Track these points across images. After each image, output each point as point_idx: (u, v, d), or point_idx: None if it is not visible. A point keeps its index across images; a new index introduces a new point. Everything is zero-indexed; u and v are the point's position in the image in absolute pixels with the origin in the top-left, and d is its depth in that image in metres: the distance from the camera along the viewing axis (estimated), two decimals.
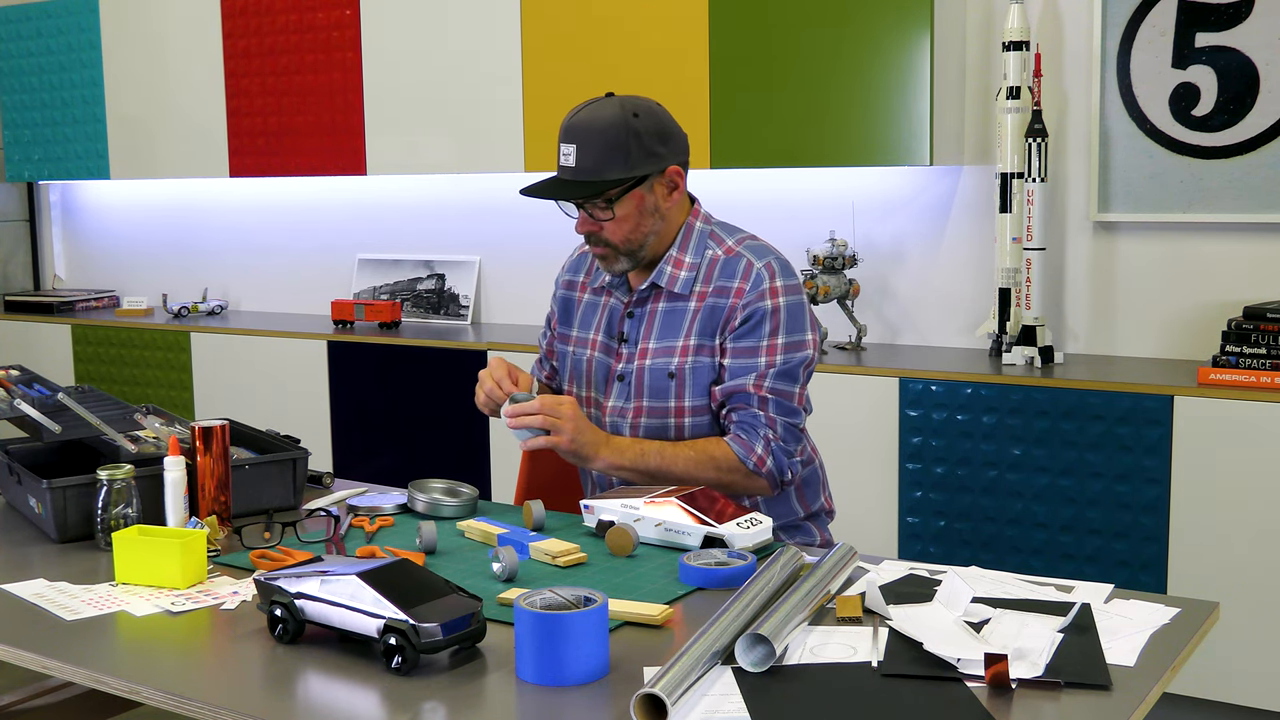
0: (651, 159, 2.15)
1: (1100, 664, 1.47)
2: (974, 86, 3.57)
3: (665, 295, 2.24)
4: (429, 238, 4.59)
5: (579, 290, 2.39)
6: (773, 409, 2.17)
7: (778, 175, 3.86)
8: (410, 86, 4.18)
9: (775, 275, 2.19)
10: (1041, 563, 3.13)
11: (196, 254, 5.13)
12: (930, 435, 3.25)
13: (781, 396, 2.17)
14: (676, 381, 2.21)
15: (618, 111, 2.13)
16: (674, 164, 2.19)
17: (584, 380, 2.34)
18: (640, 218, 2.18)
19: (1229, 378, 2.99)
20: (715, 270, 2.22)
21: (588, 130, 2.13)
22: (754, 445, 2.16)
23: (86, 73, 4.93)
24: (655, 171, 2.17)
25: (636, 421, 2.25)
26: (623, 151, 2.12)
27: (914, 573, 1.81)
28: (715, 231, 2.26)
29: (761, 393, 2.16)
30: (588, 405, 2.33)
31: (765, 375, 2.16)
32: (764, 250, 2.23)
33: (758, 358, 2.17)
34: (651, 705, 1.34)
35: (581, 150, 2.13)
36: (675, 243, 2.24)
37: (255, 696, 1.48)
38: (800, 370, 2.20)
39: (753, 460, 2.15)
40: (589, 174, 2.13)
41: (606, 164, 2.12)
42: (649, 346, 2.25)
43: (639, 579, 1.81)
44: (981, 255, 3.61)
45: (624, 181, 2.14)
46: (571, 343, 2.38)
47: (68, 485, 2.05)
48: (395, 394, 4.12)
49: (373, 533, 2.08)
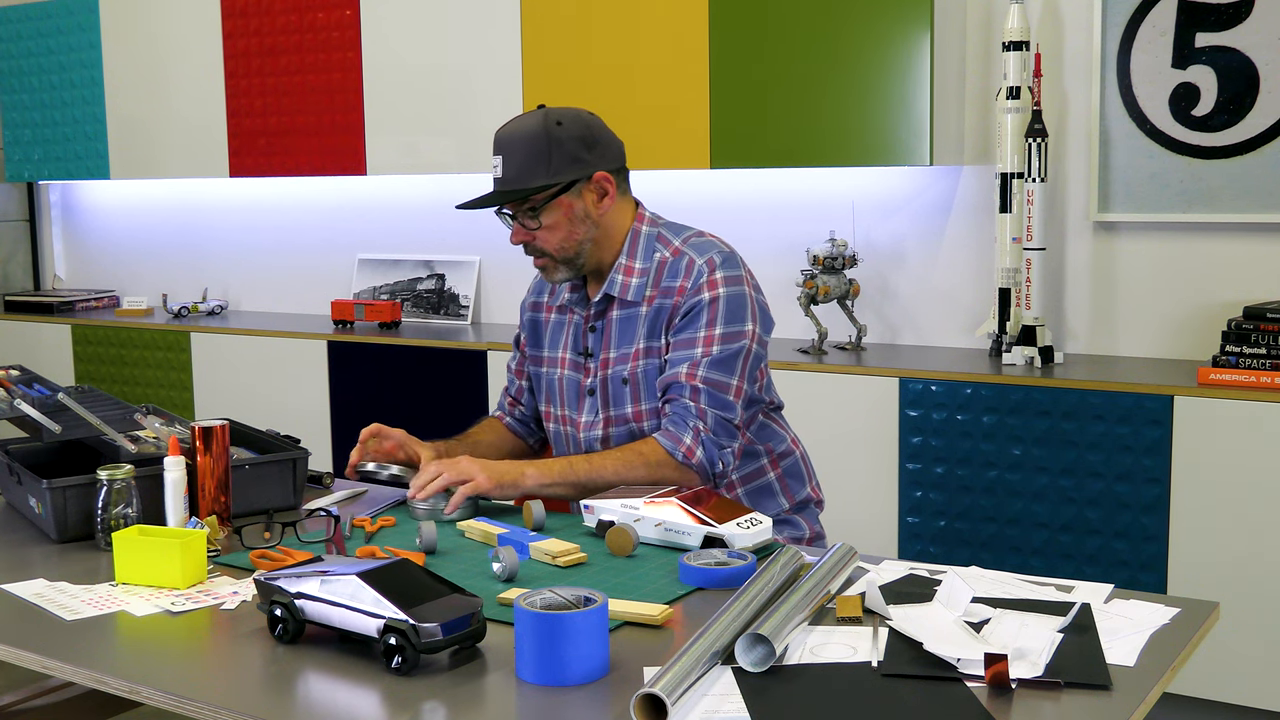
0: (575, 165, 2.17)
1: (1100, 664, 1.47)
2: (974, 86, 3.57)
3: (619, 304, 2.25)
4: (429, 238, 4.59)
5: (544, 311, 2.41)
6: (704, 400, 2.16)
7: (778, 175, 3.86)
8: (410, 86, 4.18)
9: (715, 268, 2.19)
10: (1041, 563, 3.13)
11: (196, 254, 5.13)
12: (930, 435, 3.25)
13: (714, 387, 2.16)
14: (631, 386, 2.22)
15: (540, 121, 2.17)
16: (601, 170, 2.20)
17: (558, 399, 2.35)
18: (571, 225, 2.20)
19: (1229, 378, 2.99)
20: (664, 272, 2.22)
21: (511, 141, 2.17)
22: (682, 437, 2.15)
23: (86, 73, 4.93)
24: (582, 178, 2.18)
25: (606, 433, 2.27)
26: (544, 159, 2.15)
27: (914, 573, 1.81)
28: (662, 233, 2.26)
29: (694, 383, 2.16)
30: (563, 424, 2.34)
31: (699, 364, 2.16)
32: (707, 246, 2.23)
33: (695, 349, 2.17)
34: (651, 705, 1.34)
35: (506, 160, 2.17)
36: (624, 250, 2.24)
37: (255, 696, 1.48)
38: (738, 360, 2.18)
39: (681, 451, 2.14)
40: (513, 183, 2.17)
41: (529, 172, 2.16)
42: (609, 356, 2.26)
43: (639, 579, 1.81)
44: (981, 255, 3.61)
45: (548, 188, 2.16)
46: (544, 363, 2.39)
47: (68, 485, 2.05)
48: (395, 394, 4.11)
49: (373, 533, 2.08)
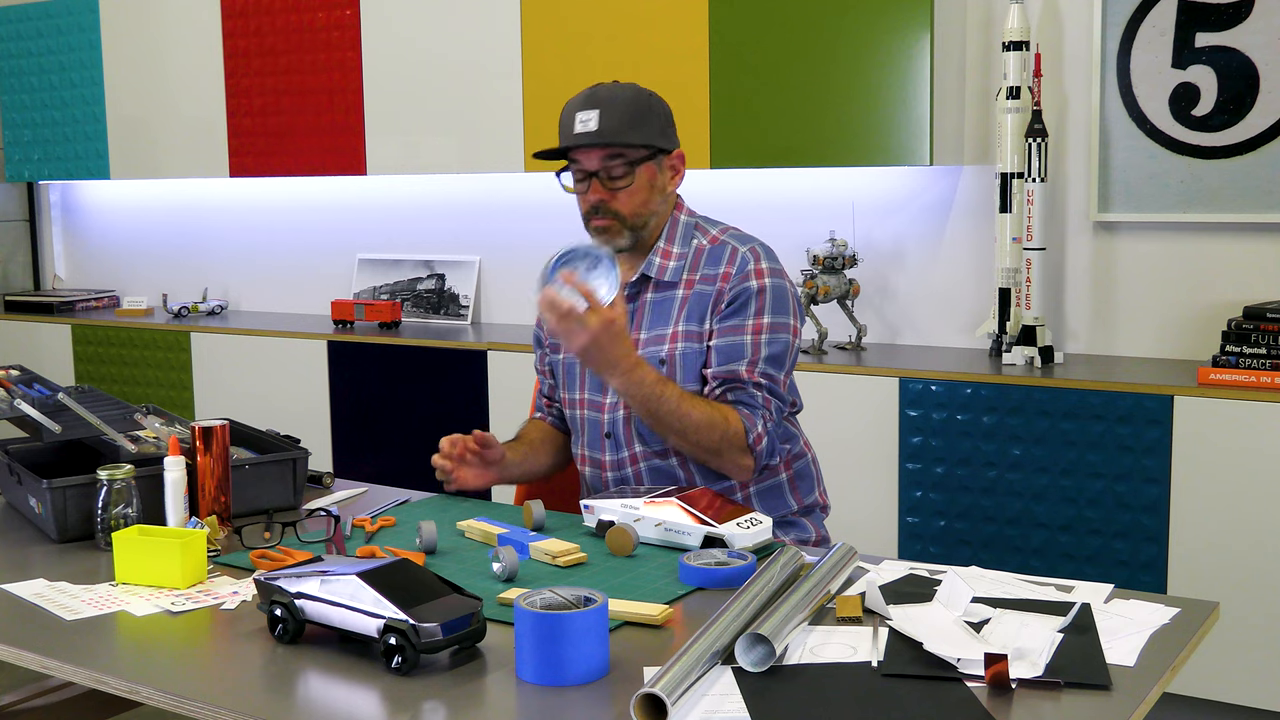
0: (665, 137, 2.22)
1: (1100, 664, 1.47)
2: (974, 86, 3.57)
3: (654, 285, 2.26)
4: (429, 238, 4.59)
5: None
6: (767, 393, 2.19)
7: (778, 175, 3.86)
8: (410, 86, 4.18)
9: (760, 258, 2.22)
10: (1041, 563, 3.13)
11: (196, 254, 5.13)
12: (930, 435, 3.25)
13: (772, 381, 2.20)
14: (667, 368, 2.22)
15: (635, 89, 2.21)
16: (680, 150, 2.26)
17: (577, 383, 2.34)
18: (650, 192, 2.22)
19: (1229, 378, 2.99)
20: (702, 259, 2.24)
21: (611, 99, 2.18)
22: (756, 423, 2.17)
23: (86, 73, 4.93)
24: (668, 149, 2.23)
25: (630, 413, 2.25)
26: (645, 121, 2.18)
27: (914, 573, 1.81)
28: (700, 223, 2.30)
29: (755, 377, 2.18)
30: (583, 407, 2.33)
31: (756, 361, 2.18)
32: (747, 238, 2.28)
33: (744, 335, 2.19)
34: (651, 705, 1.34)
35: (605, 114, 2.16)
36: (663, 235, 2.27)
37: (255, 696, 1.48)
38: (786, 354, 2.22)
39: (753, 435, 2.17)
40: (613, 135, 2.16)
41: (631, 128, 2.17)
42: (641, 337, 2.25)
43: (639, 579, 1.81)
44: (981, 255, 3.61)
45: (648, 148, 2.19)
46: (564, 349, 2.38)
47: (68, 485, 2.05)
48: (395, 394, 4.11)
49: (373, 533, 2.08)
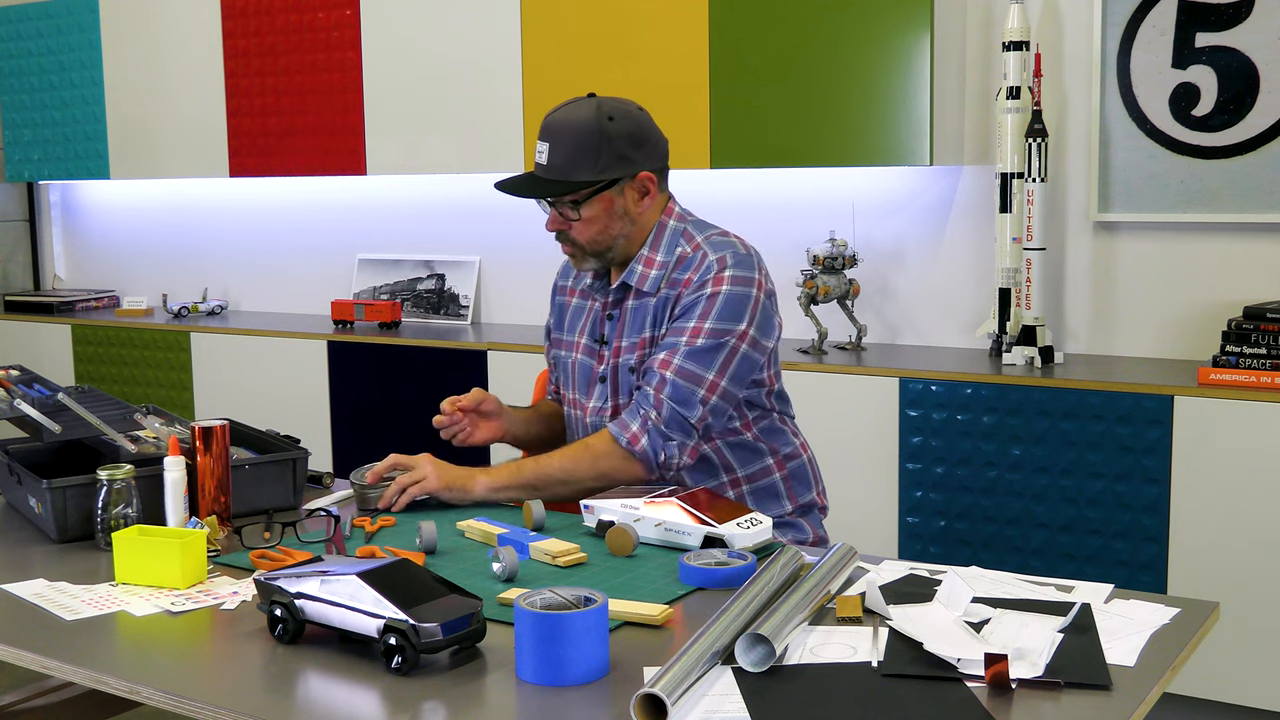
0: (622, 163, 2.15)
1: (1100, 664, 1.47)
2: (974, 86, 3.57)
3: (635, 293, 2.24)
4: (429, 238, 4.59)
5: (568, 295, 2.40)
6: (667, 390, 2.12)
7: (778, 175, 3.86)
8: (410, 86, 4.18)
9: (726, 266, 2.15)
10: (1041, 563, 3.13)
11: (196, 254, 5.13)
12: (930, 435, 3.25)
13: (685, 378, 2.12)
14: (636, 376, 2.22)
15: (593, 114, 2.13)
16: (647, 169, 2.18)
17: (571, 383, 2.35)
18: (608, 220, 2.17)
19: (1229, 378, 2.99)
20: (679, 266, 2.20)
21: (561, 130, 2.14)
22: (630, 424, 2.13)
23: (86, 73, 4.93)
24: (626, 176, 2.16)
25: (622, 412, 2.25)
26: (593, 154, 2.12)
27: (914, 573, 1.81)
28: (688, 229, 2.24)
29: (665, 371, 2.13)
30: (574, 407, 2.34)
31: (675, 353, 2.13)
32: (725, 244, 2.20)
33: (680, 338, 2.15)
34: (651, 705, 1.34)
35: (554, 149, 2.14)
36: (647, 242, 2.22)
37: (255, 696, 1.48)
38: (718, 355, 2.13)
39: (626, 438, 2.12)
40: (558, 173, 2.14)
41: (576, 165, 2.13)
42: (621, 345, 2.25)
43: (639, 579, 1.81)
44: (981, 255, 3.61)
45: (592, 184, 2.14)
46: (562, 346, 2.39)
47: (68, 485, 2.05)
48: (395, 394, 4.11)
49: (373, 533, 2.08)
